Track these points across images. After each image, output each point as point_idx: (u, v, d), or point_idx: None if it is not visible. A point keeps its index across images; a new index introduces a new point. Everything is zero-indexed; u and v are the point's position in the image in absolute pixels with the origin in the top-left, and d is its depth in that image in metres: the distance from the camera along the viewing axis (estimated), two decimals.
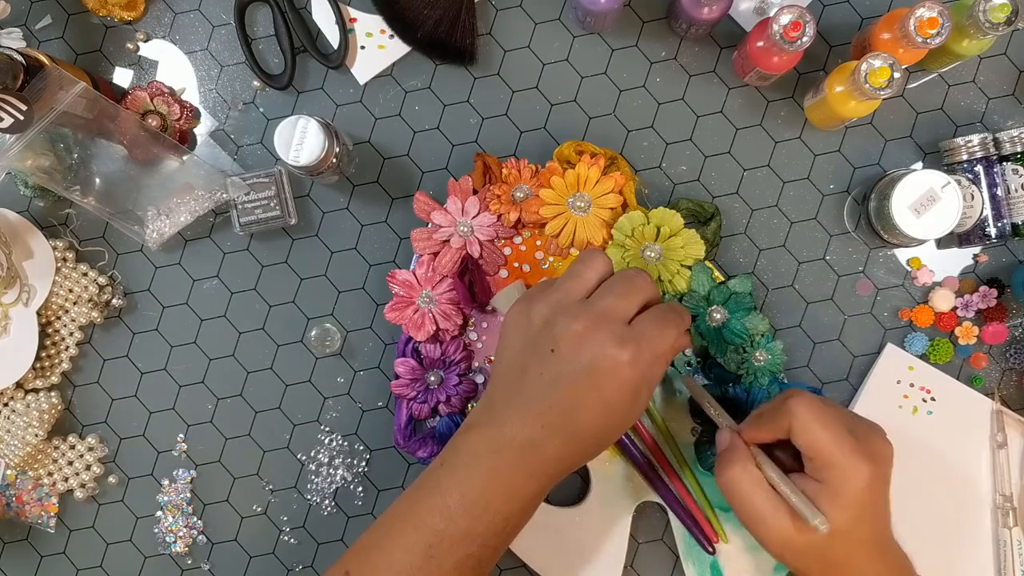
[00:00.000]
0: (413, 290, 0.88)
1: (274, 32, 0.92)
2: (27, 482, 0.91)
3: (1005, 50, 0.91)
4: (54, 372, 0.92)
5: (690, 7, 0.84)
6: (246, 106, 0.93)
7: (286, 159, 0.83)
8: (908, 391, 0.90)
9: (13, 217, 0.91)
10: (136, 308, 0.93)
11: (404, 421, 0.89)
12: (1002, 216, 0.88)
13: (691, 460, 0.88)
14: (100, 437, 0.93)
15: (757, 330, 0.86)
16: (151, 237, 0.90)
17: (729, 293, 0.87)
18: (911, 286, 0.91)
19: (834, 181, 0.92)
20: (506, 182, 0.88)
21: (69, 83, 0.84)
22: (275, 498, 0.93)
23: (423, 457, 0.89)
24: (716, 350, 0.86)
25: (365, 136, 0.92)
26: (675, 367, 0.89)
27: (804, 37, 0.81)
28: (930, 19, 0.80)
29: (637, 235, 0.87)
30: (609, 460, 0.89)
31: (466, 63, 0.92)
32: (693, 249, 0.87)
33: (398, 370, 0.88)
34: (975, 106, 0.91)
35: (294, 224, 0.91)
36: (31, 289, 0.90)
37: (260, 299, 0.93)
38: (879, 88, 0.80)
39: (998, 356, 0.91)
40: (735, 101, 0.92)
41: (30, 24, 0.92)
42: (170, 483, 0.93)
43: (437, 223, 0.88)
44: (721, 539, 0.88)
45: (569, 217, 0.87)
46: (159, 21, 0.93)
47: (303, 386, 0.93)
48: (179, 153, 0.90)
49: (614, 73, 0.92)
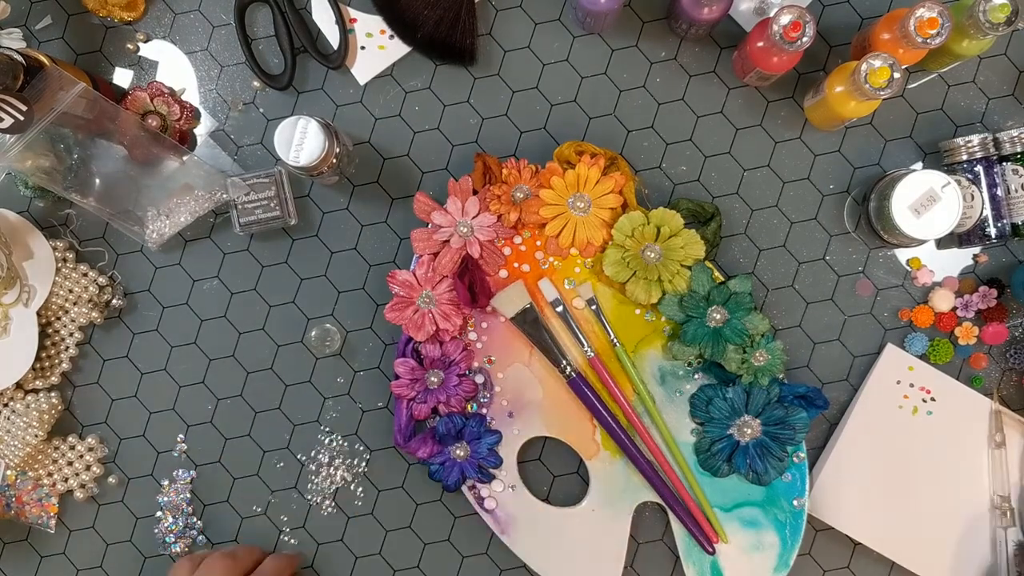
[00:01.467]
0: (413, 290, 0.88)
1: (274, 32, 0.92)
2: (27, 482, 0.91)
3: (1005, 50, 0.91)
4: (54, 372, 0.92)
5: (690, 7, 0.84)
6: (246, 106, 0.93)
7: (286, 159, 0.83)
8: (908, 391, 0.90)
9: (13, 217, 0.91)
10: (136, 308, 0.93)
11: (404, 421, 0.89)
12: (1002, 216, 0.88)
13: (691, 460, 0.89)
14: (100, 437, 0.93)
15: (757, 330, 0.86)
16: (151, 237, 0.90)
17: (729, 293, 0.87)
18: (911, 286, 0.91)
19: (834, 181, 0.92)
20: (506, 182, 0.88)
21: (69, 83, 0.84)
22: (275, 498, 0.93)
23: (423, 457, 0.88)
24: (713, 352, 0.86)
25: (365, 136, 0.92)
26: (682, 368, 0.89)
27: (804, 37, 0.81)
28: (930, 19, 0.80)
29: (637, 235, 0.87)
30: (609, 460, 0.89)
31: (466, 63, 0.92)
32: (693, 249, 0.87)
33: (398, 370, 0.88)
34: (975, 106, 0.91)
35: (294, 224, 0.91)
36: (31, 289, 0.90)
37: (260, 299, 0.93)
38: (879, 88, 0.80)
39: (998, 356, 0.91)
40: (735, 101, 0.92)
41: (30, 24, 0.92)
42: (170, 483, 0.93)
43: (437, 223, 0.88)
44: (721, 539, 0.88)
45: (569, 217, 0.87)
46: (159, 21, 0.93)
47: (303, 386, 0.93)
48: (179, 153, 0.90)
49: (614, 73, 0.92)
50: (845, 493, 0.90)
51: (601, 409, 0.88)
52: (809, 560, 0.91)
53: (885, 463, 0.90)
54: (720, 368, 0.88)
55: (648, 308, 0.89)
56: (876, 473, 0.90)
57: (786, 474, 0.87)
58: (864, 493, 0.90)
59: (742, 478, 0.88)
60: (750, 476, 0.87)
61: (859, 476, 0.90)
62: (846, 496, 0.90)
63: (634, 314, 0.89)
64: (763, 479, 0.87)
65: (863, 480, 0.90)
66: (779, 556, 0.88)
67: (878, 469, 0.90)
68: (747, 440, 0.87)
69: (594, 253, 0.88)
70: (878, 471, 0.90)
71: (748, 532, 0.88)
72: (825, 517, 0.90)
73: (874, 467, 0.90)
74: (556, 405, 0.89)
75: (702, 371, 0.89)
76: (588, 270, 0.89)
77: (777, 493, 0.88)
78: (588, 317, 0.89)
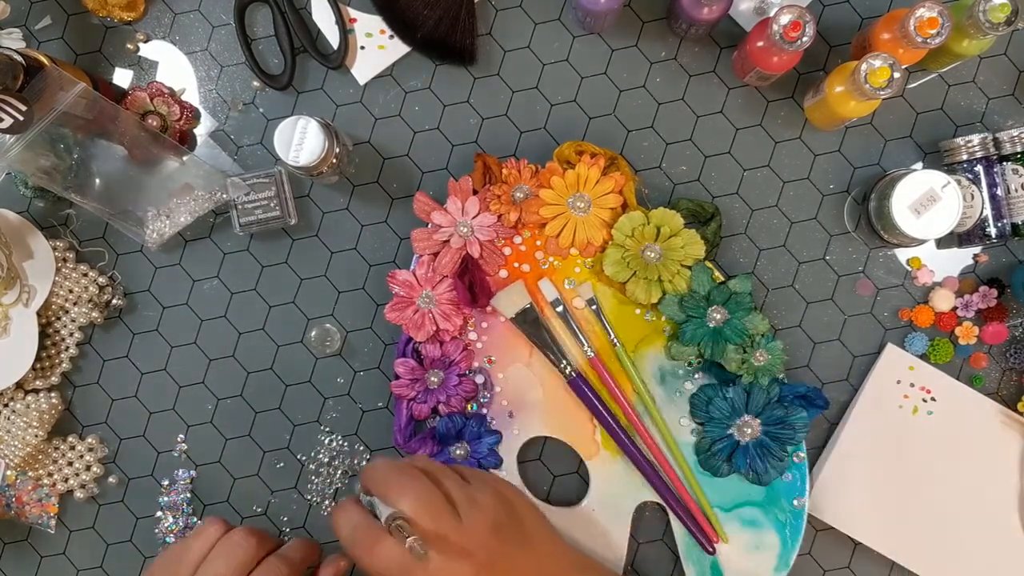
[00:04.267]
0: (413, 290, 0.88)
1: (274, 32, 0.92)
2: (27, 482, 0.91)
3: (1005, 50, 0.91)
4: (54, 372, 0.92)
5: (690, 7, 0.84)
6: (246, 106, 0.93)
7: (286, 159, 0.83)
8: (908, 391, 0.90)
9: (13, 217, 0.91)
10: (136, 308, 0.93)
11: (404, 421, 0.89)
12: (1002, 216, 0.88)
13: (691, 460, 0.89)
14: (100, 437, 0.93)
15: (757, 330, 0.86)
16: (151, 237, 0.90)
17: (729, 293, 0.87)
18: (911, 286, 0.91)
19: (834, 181, 0.92)
20: (506, 182, 0.88)
21: (69, 83, 0.84)
22: (275, 498, 0.93)
23: None
24: (713, 352, 0.86)
25: (365, 136, 0.92)
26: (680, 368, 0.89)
27: (804, 37, 0.81)
28: (930, 19, 0.80)
29: (637, 235, 0.87)
30: (610, 460, 0.89)
31: (466, 63, 0.92)
32: (693, 249, 0.87)
33: (398, 370, 0.88)
34: (975, 106, 0.91)
35: (294, 224, 0.91)
36: (31, 289, 0.90)
37: (260, 299, 0.93)
38: (879, 88, 0.80)
39: (998, 356, 0.91)
40: (735, 101, 0.92)
41: (30, 24, 0.92)
42: (170, 483, 0.93)
43: (437, 223, 0.88)
44: (721, 539, 0.88)
45: (569, 217, 0.87)
46: (159, 21, 0.93)
47: (303, 386, 0.93)
48: (179, 153, 0.90)
49: (614, 73, 0.92)
50: (845, 493, 0.90)
51: (601, 409, 0.88)
52: (809, 560, 0.91)
53: (885, 463, 0.90)
54: (720, 368, 0.88)
55: (648, 308, 0.89)
56: (876, 473, 0.90)
57: (786, 474, 0.87)
58: (864, 493, 0.90)
59: (742, 478, 0.88)
60: (750, 476, 0.87)
61: (859, 476, 0.90)
62: (846, 496, 0.90)
63: (634, 314, 0.89)
64: (763, 479, 0.87)
65: (863, 480, 0.90)
66: (779, 556, 0.88)
67: (878, 469, 0.90)
68: (747, 440, 0.87)
69: (594, 253, 0.88)
70: (878, 471, 0.90)
71: (748, 532, 0.88)
72: (825, 517, 0.90)
73: (874, 467, 0.90)
74: (556, 405, 0.89)
75: (702, 371, 0.89)
76: (588, 270, 0.89)
77: (777, 493, 0.88)
78: (588, 317, 0.89)
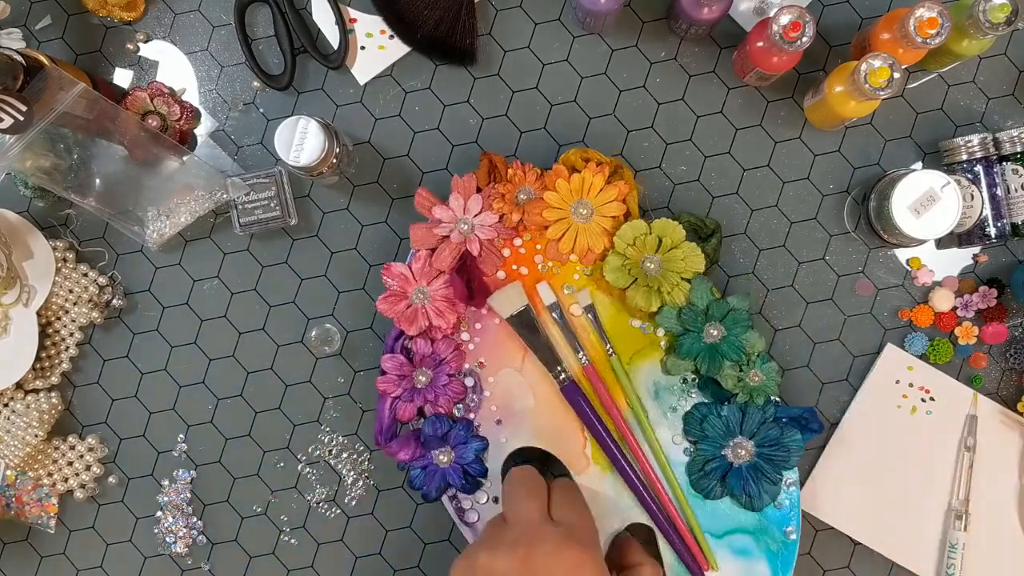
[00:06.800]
0: (408, 284, 0.87)
1: (274, 32, 0.92)
2: (27, 482, 0.91)
3: (1005, 50, 0.91)
4: (54, 372, 0.92)
5: (690, 7, 0.84)
6: (246, 107, 0.93)
7: (286, 159, 0.83)
8: (907, 391, 0.90)
9: (13, 217, 0.91)
10: (136, 308, 0.93)
11: (387, 421, 0.86)
12: (1002, 216, 0.88)
13: (683, 481, 0.87)
14: (100, 437, 0.93)
15: (754, 348, 0.85)
16: (151, 237, 0.90)
17: (728, 308, 0.86)
18: (911, 286, 0.91)
19: (834, 181, 0.92)
20: (511, 181, 0.87)
21: (69, 83, 0.84)
22: (275, 498, 0.93)
23: (404, 460, 0.86)
24: (709, 368, 0.85)
25: (365, 136, 0.92)
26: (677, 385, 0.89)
27: (804, 37, 0.81)
28: (930, 19, 0.80)
29: (639, 244, 0.86)
30: (599, 476, 0.87)
31: (466, 63, 0.92)
32: (693, 262, 0.86)
33: (385, 366, 0.86)
34: (975, 106, 0.91)
35: (294, 224, 0.91)
36: (31, 289, 0.90)
37: (260, 299, 0.93)
38: (879, 88, 0.81)
39: (998, 356, 0.91)
40: (735, 101, 0.92)
41: (30, 24, 0.93)
42: (170, 483, 0.93)
43: (438, 218, 0.87)
44: (711, 566, 0.86)
45: (571, 223, 0.87)
46: (159, 22, 0.93)
47: (303, 386, 0.93)
48: (179, 153, 0.90)
49: (614, 73, 0.92)
50: (845, 493, 0.90)
51: (593, 419, 0.86)
52: (809, 560, 0.91)
53: (885, 463, 0.90)
54: (716, 385, 0.86)
55: (646, 319, 0.88)
56: (875, 473, 0.90)
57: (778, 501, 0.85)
58: (864, 492, 0.90)
59: (734, 503, 0.86)
60: (743, 499, 0.85)
61: (859, 476, 0.90)
62: (846, 496, 0.90)
63: (631, 325, 0.88)
64: (756, 504, 0.84)
65: (863, 480, 0.90)
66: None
67: (878, 469, 0.90)
68: (741, 462, 0.85)
69: (593, 261, 0.88)
70: (878, 471, 0.90)
71: (739, 560, 0.85)
72: (825, 517, 0.90)
73: (874, 467, 0.90)
74: (547, 415, 0.87)
75: (698, 388, 0.87)
76: (587, 277, 0.88)
77: (769, 521, 0.86)
78: (585, 325, 0.88)
